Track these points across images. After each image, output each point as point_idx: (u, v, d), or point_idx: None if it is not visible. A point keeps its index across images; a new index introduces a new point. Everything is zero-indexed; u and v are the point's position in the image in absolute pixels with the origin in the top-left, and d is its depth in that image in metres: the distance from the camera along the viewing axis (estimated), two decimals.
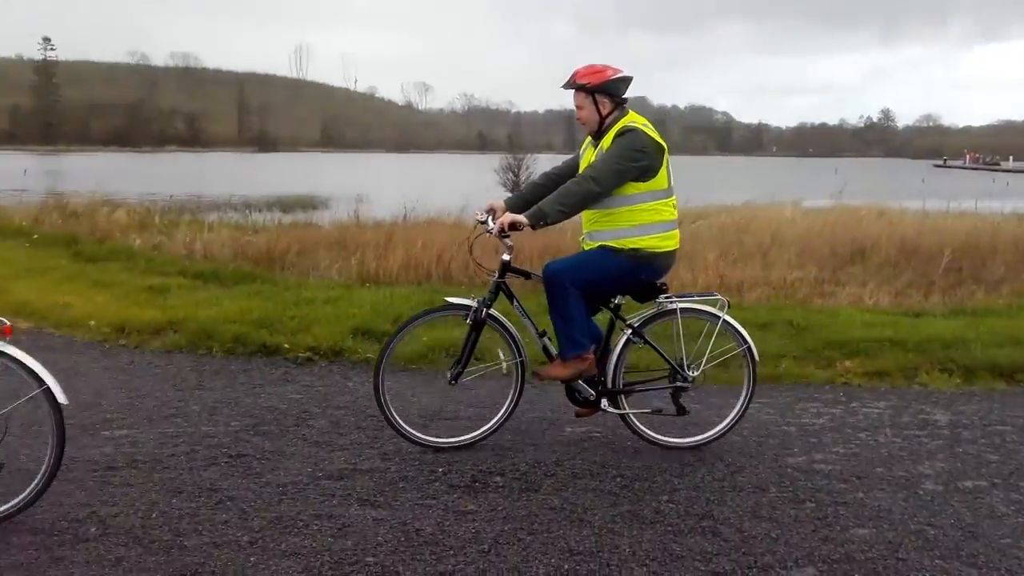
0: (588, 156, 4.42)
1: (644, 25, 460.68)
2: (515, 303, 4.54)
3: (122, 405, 5.11)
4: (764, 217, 17.15)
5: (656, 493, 3.98)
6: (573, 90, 4.29)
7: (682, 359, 4.53)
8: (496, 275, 4.43)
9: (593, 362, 4.40)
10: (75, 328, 6.95)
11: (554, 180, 4.53)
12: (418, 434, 4.50)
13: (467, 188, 27.48)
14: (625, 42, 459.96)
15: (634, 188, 4.20)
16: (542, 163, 46.08)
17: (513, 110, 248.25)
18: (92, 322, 6.98)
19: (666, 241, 4.32)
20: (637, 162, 4.14)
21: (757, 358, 4.67)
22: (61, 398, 3.48)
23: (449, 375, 4.52)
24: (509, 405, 4.59)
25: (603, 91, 4.26)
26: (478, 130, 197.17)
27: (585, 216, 4.36)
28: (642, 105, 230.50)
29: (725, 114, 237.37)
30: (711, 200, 21.80)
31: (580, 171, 4.38)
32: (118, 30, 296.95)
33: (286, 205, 24.88)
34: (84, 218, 15.01)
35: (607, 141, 4.23)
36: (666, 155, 4.29)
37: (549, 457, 4.41)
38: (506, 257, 4.37)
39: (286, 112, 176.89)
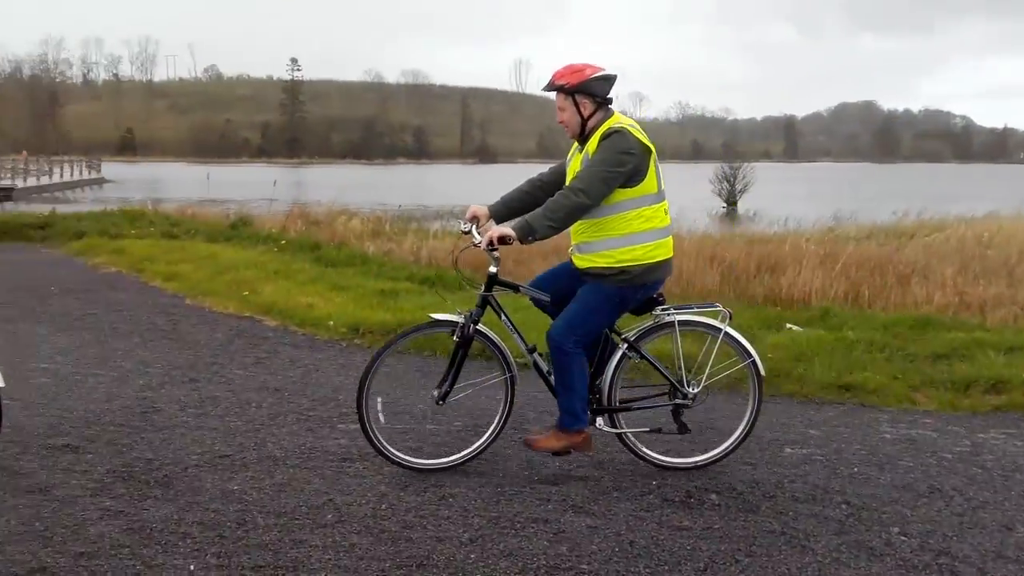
0: (575, 162, 4.13)
1: (872, 26, 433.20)
2: (503, 317, 4.32)
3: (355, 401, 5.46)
4: (1010, 229, 15.66)
5: (886, 524, 3.74)
6: (554, 92, 4.04)
7: (681, 374, 4.27)
8: (483, 288, 4.22)
9: (588, 439, 4.20)
10: (317, 327, 7.53)
11: (539, 187, 4.29)
12: (403, 456, 4.26)
13: (680, 197, 27.13)
14: (851, 44, 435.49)
15: (622, 195, 3.94)
16: (760, 171, 44.72)
17: (729, 117, 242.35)
18: (331, 322, 7.54)
19: (657, 250, 4.04)
20: (624, 166, 3.88)
21: (763, 373, 4.35)
22: None
23: (436, 395, 4.27)
24: (498, 424, 4.34)
25: (583, 91, 3.99)
26: (692, 138, 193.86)
27: (572, 227, 4.10)
28: (870, 109, 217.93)
29: (964, 118, 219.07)
30: (948, 211, 20.17)
31: (568, 178, 4.11)
32: (357, 51, 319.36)
33: None
34: (324, 225, 16.25)
35: (592, 145, 3.98)
36: (654, 157, 4.02)
37: (768, 478, 4.26)
38: (493, 269, 4.15)
39: (505, 124, 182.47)
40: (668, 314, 4.21)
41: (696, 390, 4.27)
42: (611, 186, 3.89)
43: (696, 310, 4.35)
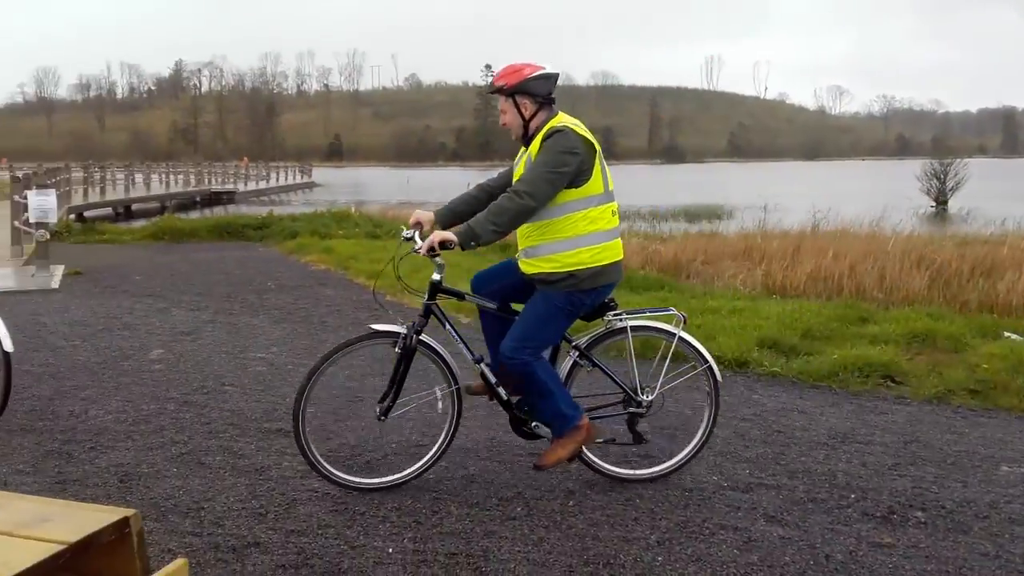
0: (521, 165, 3.93)
1: None
2: (448, 326, 4.09)
3: None
4: None
5: None
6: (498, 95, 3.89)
7: (635, 382, 4.04)
8: (426, 297, 4.01)
9: (588, 428, 3.91)
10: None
11: (488, 193, 4.06)
12: (344, 475, 4.02)
13: (883, 196, 25.59)
14: None
15: (567, 195, 3.75)
16: (974, 167, 41.37)
17: (940, 111, 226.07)
18: None
19: (604, 253, 3.82)
20: (567, 165, 3.70)
21: (720, 379, 4.14)
22: (7, 346, 4.43)
23: (378, 410, 4.03)
24: (444, 440, 4.10)
25: (521, 91, 3.81)
26: (897, 133, 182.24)
27: (519, 232, 3.90)
28: None
29: None
30: None
31: (514, 181, 3.91)
32: (548, 54, 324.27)
33: (692, 215, 25.20)
34: None
35: (534, 146, 3.80)
36: (598, 156, 3.81)
37: (981, 497, 3.95)
38: (436, 277, 3.96)
39: (695, 123, 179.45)
40: (620, 319, 4.03)
41: (651, 398, 4.07)
42: (556, 187, 3.73)
43: (649, 314, 4.20)
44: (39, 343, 6.92)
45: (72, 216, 23.41)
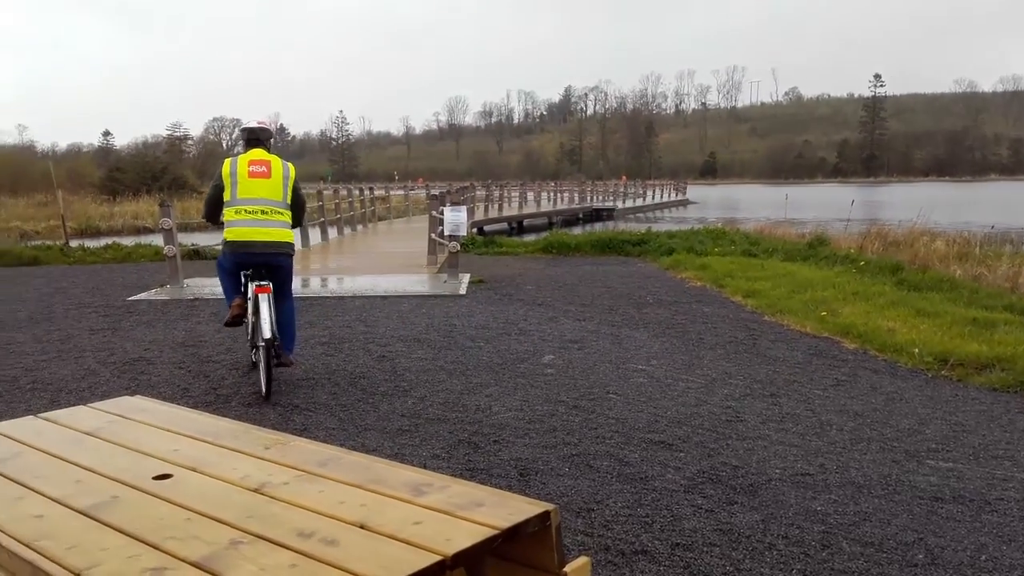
0: None
1: None
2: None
3: (945, 437, 5.06)
4: None
5: None
6: None
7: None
8: None
9: (235, 308, 6.12)
10: (898, 354, 7.15)
11: None
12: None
13: None
14: None
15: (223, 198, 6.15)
16: None
17: None
18: (916, 350, 7.08)
19: (227, 235, 6.03)
20: (214, 180, 6.19)
21: (266, 343, 5.87)
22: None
23: None
24: None
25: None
26: None
27: None
28: None
29: None
30: None
31: None
32: (948, 61, 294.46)
33: None
34: (904, 247, 15.36)
35: None
36: (228, 178, 6.05)
37: None
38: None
39: None
40: (250, 282, 6.12)
41: (266, 337, 5.92)
42: (211, 191, 6.25)
43: (261, 284, 6.00)
44: (450, 342, 7.79)
45: (475, 230, 25.98)
